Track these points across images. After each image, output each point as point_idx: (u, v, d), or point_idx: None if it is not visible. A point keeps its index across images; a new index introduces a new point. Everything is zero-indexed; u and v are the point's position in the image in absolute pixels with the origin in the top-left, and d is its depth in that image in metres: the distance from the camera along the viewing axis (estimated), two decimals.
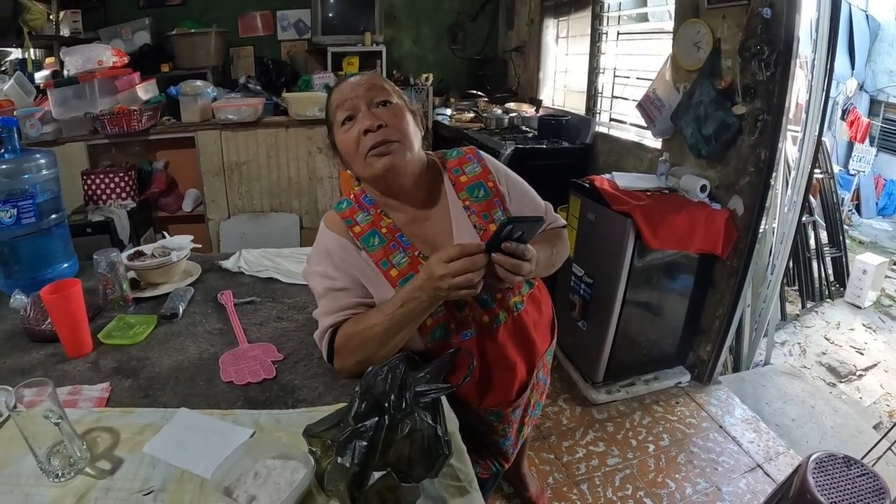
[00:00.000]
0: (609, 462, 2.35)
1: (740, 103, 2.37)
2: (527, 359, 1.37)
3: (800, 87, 2.61)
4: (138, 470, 0.96)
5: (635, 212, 2.34)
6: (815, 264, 3.92)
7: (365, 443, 0.78)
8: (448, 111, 4.55)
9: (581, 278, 2.69)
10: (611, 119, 3.55)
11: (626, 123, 3.38)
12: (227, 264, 1.83)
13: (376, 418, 0.79)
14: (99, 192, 3.39)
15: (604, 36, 3.53)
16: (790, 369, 3.06)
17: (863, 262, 3.92)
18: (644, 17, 3.36)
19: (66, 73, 3.39)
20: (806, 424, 2.62)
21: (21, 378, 1.18)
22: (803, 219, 3.31)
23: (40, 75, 3.69)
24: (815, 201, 4.01)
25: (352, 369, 1.19)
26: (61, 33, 3.82)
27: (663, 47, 2.90)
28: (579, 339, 2.75)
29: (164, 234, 1.94)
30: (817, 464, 1.69)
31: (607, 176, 2.66)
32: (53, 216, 1.65)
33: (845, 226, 4.61)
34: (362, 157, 1.19)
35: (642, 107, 2.82)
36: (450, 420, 0.98)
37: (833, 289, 4.05)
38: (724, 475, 2.27)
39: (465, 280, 1.00)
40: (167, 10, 4.40)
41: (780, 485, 1.91)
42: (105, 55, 3.39)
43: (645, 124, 2.92)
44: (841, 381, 3.10)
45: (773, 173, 2.40)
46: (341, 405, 1.08)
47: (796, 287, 3.90)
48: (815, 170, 2.77)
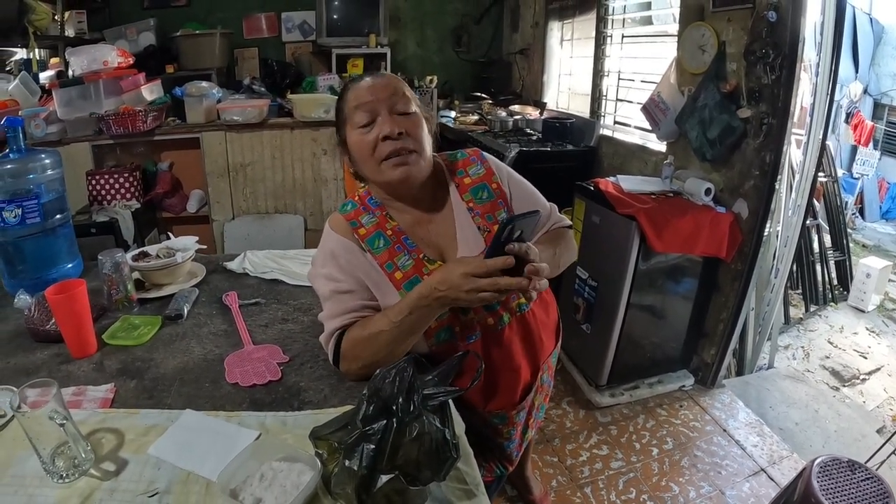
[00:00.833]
0: (613, 465, 2.34)
1: (745, 107, 2.37)
2: (531, 361, 1.37)
3: (804, 91, 2.61)
4: (143, 471, 0.96)
5: (640, 215, 2.33)
6: (818, 268, 3.91)
7: (373, 446, 0.77)
8: (452, 113, 4.55)
9: (585, 281, 2.68)
10: (615, 122, 3.55)
11: (631, 126, 3.38)
12: (232, 265, 1.83)
13: (384, 421, 0.79)
14: (104, 192, 3.39)
15: (608, 39, 3.53)
16: (794, 373, 3.05)
17: (866, 265, 3.92)
18: (648, 21, 3.35)
19: (71, 73, 3.39)
20: (809, 428, 2.62)
21: (25, 378, 1.18)
22: (807, 222, 3.30)
23: (45, 75, 3.71)
24: (818, 205, 4.01)
25: (358, 373, 1.19)
26: (66, 34, 3.83)
27: (668, 50, 2.89)
28: (583, 342, 2.75)
29: (169, 235, 1.94)
30: (821, 468, 1.69)
31: (612, 179, 2.66)
32: (58, 216, 1.65)
33: (849, 229, 4.60)
34: (377, 162, 1.18)
35: (647, 110, 2.82)
36: (457, 423, 0.98)
37: (836, 292, 4.04)
38: (727, 479, 2.26)
39: (491, 296, 1.03)
40: (172, 11, 4.41)
41: (784, 489, 1.90)
42: (110, 56, 3.39)
43: (649, 127, 2.91)
44: (844, 385, 3.09)
45: (778, 177, 2.40)
46: (347, 407, 1.08)
47: (800, 291, 3.89)
48: (819, 173, 2.76)
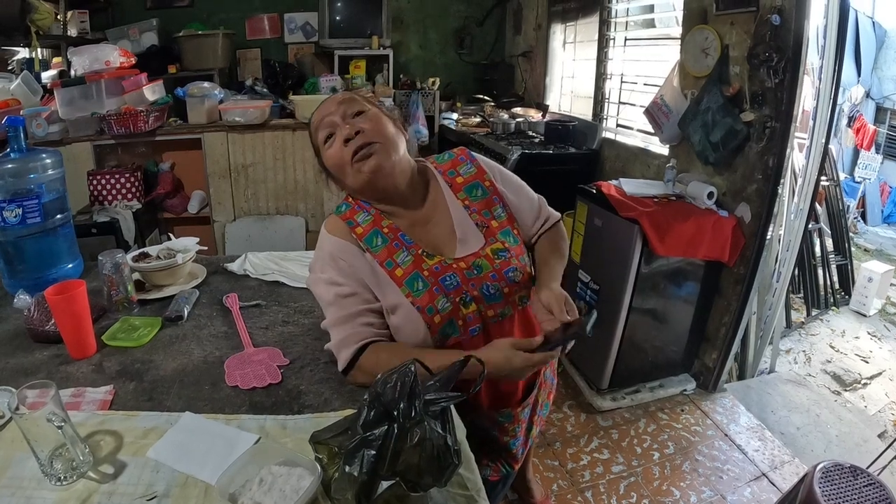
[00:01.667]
0: (614, 469, 2.33)
1: (748, 110, 2.36)
2: None
3: (806, 95, 2.60)
4: (142, 475, 0.95)
5: (642, 218, 2.33)
6: (820, 272, 3.90)
7: (373, 451, 0.76)
8: (454, 115, 4.55)
9: (587, 284, 2.68)
10: (617, 125, 3.54)
11: (633, 129, 3.37)
12: (233, 267, 1.83)
13: (385, 427, 0.78)
14: (105, 192, 3.39)
15: (611, 42, 3.52)
16: (795, 377, 3.04)
17: (868, 269, 3.90)
18: (651, 24, 3.35)
19: (73, 73, 3.39)
20: (811, 433, 2.61)
21: (24, 379, 1.18)
22: (809, 226, 3.30)
23: (47, 75, 3.70)
24: (820, 209, 4.00)
25: (364, 384, 1.17)
26: (69, 33, 3.83)
27: (671, 53, 2.89)
28: (584, 346, 2.74)
29: (170, 236, 1.94)
30: (824, 473, 1.68)
31: (614, 182, 2.65)
32: (59, 216, 1.64)
33: (851, 233, 4.59)
34: (349, 165, 1.20)
35: (650, 113, 2.82)
36: (458, 428, 0.97)
37: (838, 297, 4.03)
38: (729, 484, 2.26)
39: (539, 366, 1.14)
40: (175, 12, 4.42)
41: (785, 494, 1.90)
42: (112, 56, 3.39)
43: (652, 130, 2.91)
44: (846, 390, 3.08)
45: (781, 181, 2.39)
46: (348, 411, 1.07)
47: (801, 295, 3.88)
48: (822, 177, 2.75)
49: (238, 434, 1.04)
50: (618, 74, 3.50)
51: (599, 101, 3.66)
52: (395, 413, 0.78)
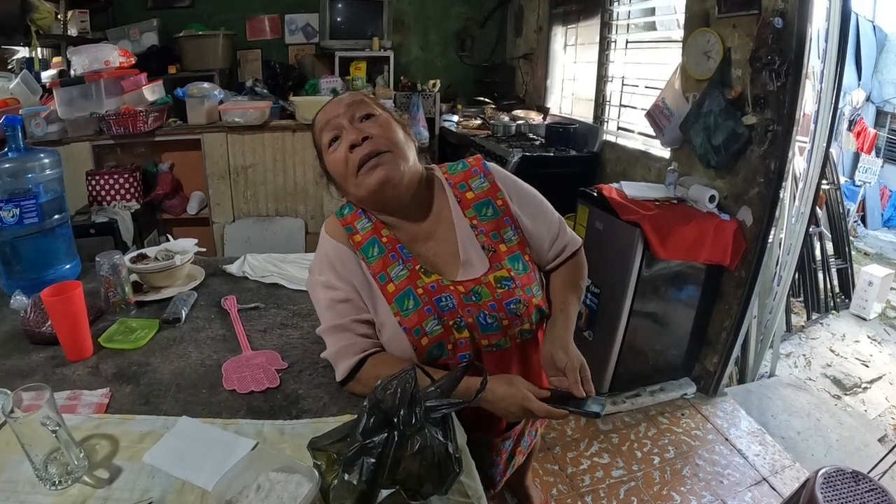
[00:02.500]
0: (614, 474, 2.32)
1: (750, 113, 2.36)
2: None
3: (807, 98, 2.59)
4: (137, 480, 0.94)
5: (644, 222, 2.32)
6: (820, 276, 3.89)
7: (373, 459, 0.75)
8: (455, 118, 4.55)
9: (588, 288, 2.67)
10: (619, 128, 3.54)
11: (634, 132, 3.37)
12: (232, 269, 1.81)
13: (385, 434, 0.77)
14: (103, 192, 3.38)
15: (612, 44, 3.52)
16: (795, 381, 3.03)
17: (868, 273, 3.90)
18: (653, 26, 3.35)
19: (72, 72, 3.38)
20: (811, 437, 2.60)
21: (20, 380, 1.17)
22: (809, 230, 3.29)
23: (47, 74, 3.70)
24: (821, 212, 3.99)
25: (362, 395, 1.13)
26: (69, 33, 3.83)
27: (672, 56, 2.88)
28: (585, 350, 2.67)
29: (168, 237, 1.92)
30: (825, 478, 1.68)
31: (615, 185, 2.65)
32: (56, 216, 1.63)
33: (851, 237, 4.58)
34: (353, 174, 1.14)
35: (651, 116, 2.81)
36: (459, 435, 0.96)
37: (838, 300, 4.02)
38: (729, 488, 2.24)
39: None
40: (175, 12, 4.42)
41: (787, 499, 1.89)
42: (112, 55, 3.38)
43: (653, 133, 2.90)
44: (846, 394, 3.07)
45: (783, 184, 2.38)
46: (346, 416, 1.06)
47: (802, 298, 3.87)
48: (822, 181, 2.75)
49: (235, 439, 1.03)
50: (619, 77, 3.50)
51: (600, 103, 3.66)
52: (396, 420, 0.77)
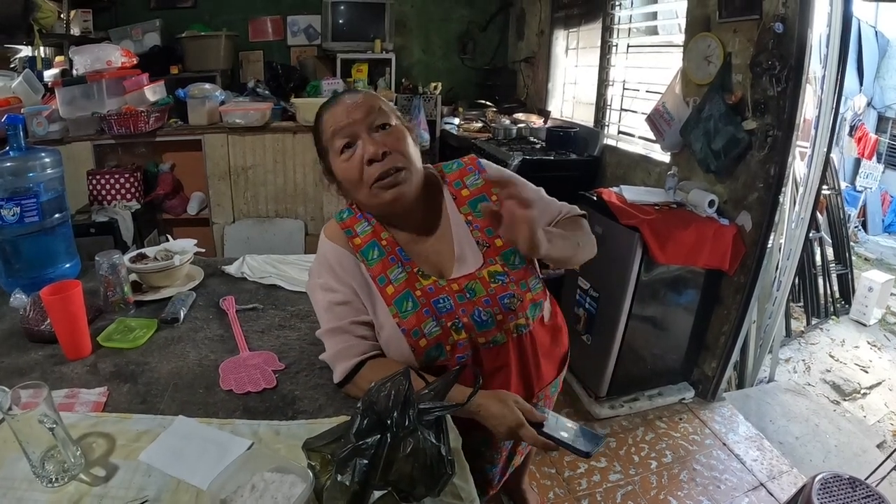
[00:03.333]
0: (611, 478, 2.32)
1: (750, 118, 2.36)
2: (525, 388, 1.30)
3: (808, 103, 2.60)
4: (133, 478, 0.95)
5: (643, 226, 2.32)
6: (820, 281, 3.89)
7: (366, 461, 0.76)
8: (456, 120, 4.55)
9: (587, 292, 2.67)
10: (619, 132, 3.54)
11: (635, 136, 3.37)
12: (231, 269, 1.82)
13: (378, 436, 0.77)
14: (104, 192, 3.38)
15: (614, 48, 3.52)
16: (794, 387, 3.03)
17: (868, 279, 3.90)
18: (654, 31, 3.35)
19: (74, 72, 3.39)
20: (810, 443, 2.59)
21: (18, 378, 1.18)
22: (810, 235, 3.29)
23: (49, 74, 3.70)
24: (821, 218, 3.99)
25: (359, 397, 1.15)
26: (72, 32, 3.83)
27: (673, 61, 2.89)
28: (584, 354, 2.72)
29: (168, 237, 1.93)
30: (822, 484, 1.68)
31: (615, 189, 2.65)
32: (57, 216, 1.64)
33: (851, 243, 4.58)
34: (367, 186, 1.14)
35: (652, 120, 2.81)
36: (453, 437, 0.96)
37: (838, 306, 4.02)
38: (726, 493, 2.24)
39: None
40: (178, 13, 4.42)
41: None
42: (114, 55, 3.39)
43: (654, 138, 2.90)
44: (845, 399, 3.07)
45: (783, 189, 2.38)
46: (342, 418, 1.07)
47: (801, 304, 3.87)
48: (823, 186, 2.75)
49: (231, 439, 1.03)
50: (620, 81, 3.50)
51: (601, 107, 3.66)
52: (389, 422, 0.77)
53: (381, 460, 0.76)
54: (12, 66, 3.87)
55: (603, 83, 3.62)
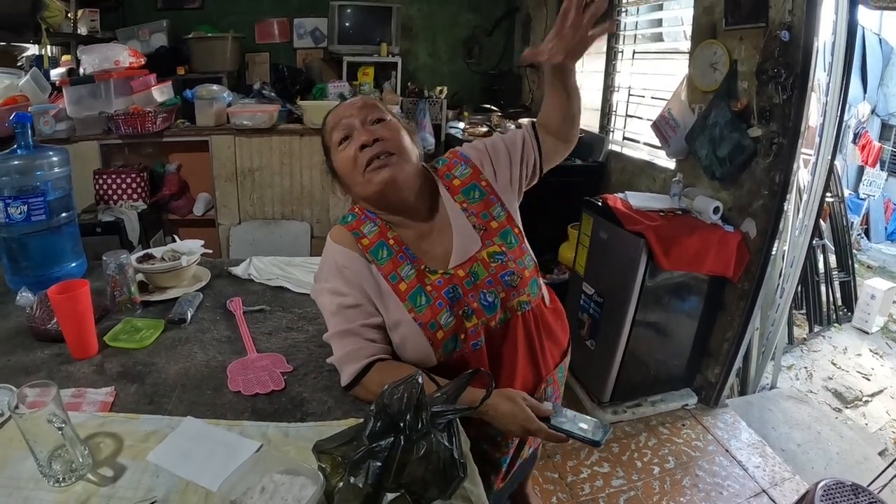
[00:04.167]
0: (614, 483, 2.32)
1: (756, 126, 2.36)
2: (533, 367, 1.33)
3: (812, 111, 2.60)
4: (141, 479, 0.95)
5: (648, 232, 2.32)
6: (823, 288, 3.89)
7: (379, 463, 0.76)
8: (461, 124, 4.55)
9: (591, 297, 2.67)
10: (624, 138, 3.54)
11: (640, 143, 3.37)
12: (237, 271, 1.82)
13: (392, 438, 0.77)
14: (110, 192, 3.39)
15: (619, 54, 3.53)
16: (796, 394, 3.03)
17: (871, 287, 3.90)
18: (660, 37, 3.36)
19: (82, 71, 3.40)
20: (812, 450, 2.59)
21: (24, 377, 1.18)
22: (813, 242, 3.29)
23: (56, 72, 3.71)
24: (824, 225, 4.00)
25: (367, 400, 1.16)
26: (79, 31, 3.84)
27: (679, 67, 2.89)
28: (587, 359, 2.72)
29: (174, 237, 1.93)
30: (825, 491, 1.68)
31: (620, 195, 2.65)
32: (64, 215, 1.64)
33: (854, 250, 4.58)
34: (361, 173, 1.18)
35: (657, 126, 2.82)
36: (463, 441, 0.96)
37: (841, 313, 4.02)
38: (729, 500, 2.24)
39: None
40: (185, 13, 4.42)
41: None
42: (122, 55, 3.40)
43: (659, 144, 2.91)
44: (847, 407, 3.07)
45: (787, 197, 2.39)
46: (351, 420, 1.07)
47: (804, 311, 3.87)
48: (826, 193, 2.75)
49: (240, 441, 1.03)
50: (625, 87, 3.50)
51: (606, 113, 3.67)
52: (402, 425, 0.77)
53: (395, 463, 0.76)
54: (19, 64, 3.88)
55: (608, 89, 3.63)
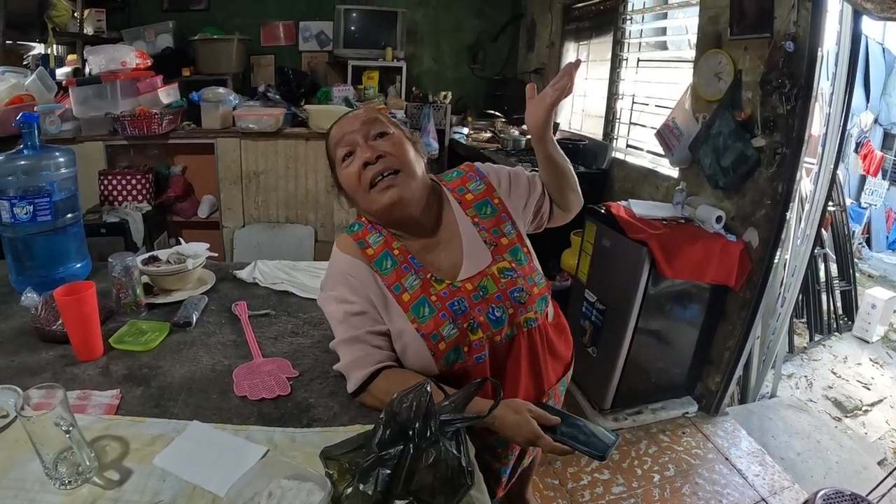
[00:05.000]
0: (614, 490, 2.32)
1: (759, 136, 2.37)
2: (535, 382, 1.33)
3: (815, 120, 2.60)
4: (148, 482, 0.95)
5: (651, 240, 2.33)
6: (824, 297, 3.89)
7: (388, 471, 0.76)
8: (465, 130, 4.56)
9: (593, 304, 2.67)
10: (628, 145, 3.55)
11: (643, 150, 3.38)
12: (242, 274, 1.82)
13: (401, 446, 0.78)
14: (115, 193, 3.38)
15: (624, 62, 3.54)
16: (796, 402, 3.03)
17: (872, 296, 3.89)
18: (664, 46, 3.37)
19: (88, 71, 3.40)
20: (811, 459, 2.59)
21: (29, 377, 1.18)
22: (814, 251, 3.29)
23: (62, 72, 3.72)
24: (825, 234, 4.00)
25: (373, 407, 1.17)
26: (85, 31, 3.85)
27: (683, 76, 2.90)
28: (589, 366, 2.73)
29: (179, 239, 1.93)
30: (825, 500, 1.69)
31: (623, 203, 2.66)
32: (69, 215, 1.64)
33: (855, 259, 4.58)
34: (365, 191, 1.18)
35: (661, 135, 2.82)
36: (470, 449, 0.97)
37: (841, 322, 4.01)
38: None
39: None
40: (191, 15, 4.45)
41: None
42: (129, 56, 3.40)
43: (662, 152, 2.91)
44: (847, 416, 3.07)
45: (790, 206, 2.39)
46: (357, 426, 1.07)
47: (804, 319, 3.87)
48: (828, 202, 2.75)
49: (246, 446, 1.03)
50: (629, 95, 3.51)
51: (610, 120, 3.68)
52: (411, 433, 0.78)
53: (404, 470, 0.76)
54: (25, 63, 3.89)
55: (612, 96, 3.64)
